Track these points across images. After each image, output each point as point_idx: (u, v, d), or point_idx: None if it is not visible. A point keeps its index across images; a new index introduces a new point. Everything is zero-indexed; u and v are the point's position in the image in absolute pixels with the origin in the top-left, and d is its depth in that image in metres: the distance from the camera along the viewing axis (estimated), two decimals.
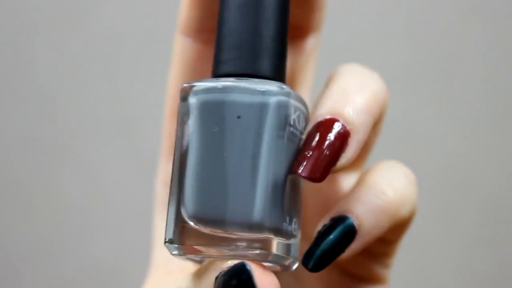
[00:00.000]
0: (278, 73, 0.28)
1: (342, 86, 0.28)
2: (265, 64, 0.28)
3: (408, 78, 0.70)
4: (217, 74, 0.28)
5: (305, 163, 0.26)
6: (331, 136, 0.27)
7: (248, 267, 0.25)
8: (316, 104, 0.29)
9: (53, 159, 0.70)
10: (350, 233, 0.28)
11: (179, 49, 0.32)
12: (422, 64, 0.70)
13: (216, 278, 0.25)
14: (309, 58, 0.33)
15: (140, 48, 0.70)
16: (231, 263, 0.25)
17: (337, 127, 0.27)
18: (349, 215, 0.28)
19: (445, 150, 0.71)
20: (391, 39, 0.71)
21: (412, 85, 0.70)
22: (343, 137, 0.27)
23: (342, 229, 0.28)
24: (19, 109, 0.70)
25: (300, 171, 0.26)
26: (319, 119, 0.27)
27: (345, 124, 0.27)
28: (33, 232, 0.70)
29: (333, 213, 0.29)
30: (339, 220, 0.28)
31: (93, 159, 0.70)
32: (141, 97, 0.70)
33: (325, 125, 0.27)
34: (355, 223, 0.28)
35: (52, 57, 0.70)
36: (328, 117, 0.27)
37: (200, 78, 0.28)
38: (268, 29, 0.28)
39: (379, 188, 0.29)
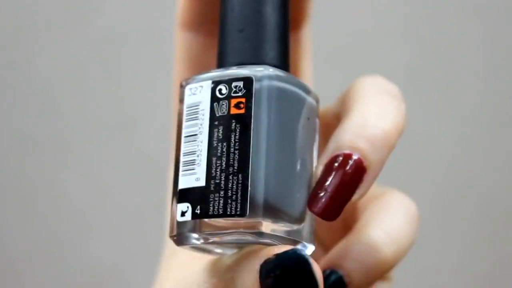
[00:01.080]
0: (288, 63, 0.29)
1: (362, 116, 0.28)
2: (282, 54, 0.28)
3: (408, 79, 0.70)
4: (226, 64, 0.28)
5: (320, 203, 0.27)
6: (348, 174, 0.27)
7: (305, 254, 0.25)
8: (336, 132, 0.28)
9: (53, 159, 0.70)
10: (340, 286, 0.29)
11: (182, 44, 0.32)
12: (422, 64, 0.70)
13: (263, 266, 0.25)
14: (306, 49, 0.33)
15: (140, 48, 0.70)
16: (277, 250, 0.25)
17: (354, 164, 0.27)
18: (340, 271, 0.29)
19: (445, 150, 0.71)
20: (391, 39, 0.71)
21: (412, 85, 0.70)
22: (360, 173, 0.27)
23: (332, 283, 0.29)
24: (19, 109, 0.70)
25: (316, 210, 0.27)
26: (338, 151, 0.27)
27: (363, 160, 0.27)
28: (33, 232, 0.70)
29: (325, 264, 0.29)
30: (330, 274, 0.29)
31: (93, 159, 0.70)
32: (141, 97, 0.70)
33: (343, 160, 0.27)
34: (346, 280, 0.29)
35: (52, 57, 0.70)
36: (347, 151, 0.27)
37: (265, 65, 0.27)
38: (281, 19, 0.28)
39: (375, 245, 0.29)
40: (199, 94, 0.27)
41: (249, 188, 0.25)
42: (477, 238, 0.72)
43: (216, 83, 0.26)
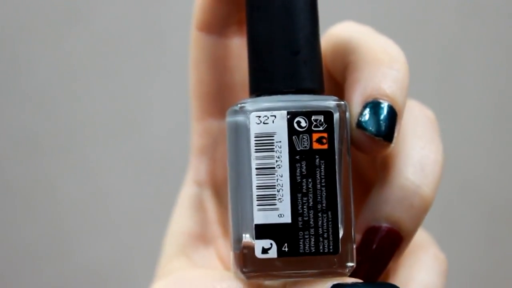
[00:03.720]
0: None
1: (401, 184, 0.28)
2: (320, 79, 0.28)
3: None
4: (280, 88, 0.27)
5: (358, 274, 0.27)
6: (384, 247, 0.27)
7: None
8: (373, 197, 0.28)
9: (53, 159, 0.70)
10: None
11: (202, 48, 0.31)
12: (421, 64, 0.70)
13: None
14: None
15: (140, 48, 0.70)
16: (350, 280, 0.26)
17: (390, 236, 0.27)
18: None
19: (445, 150, 0.71)
20: (390, 39, 0.71)
21: (412, 85, 0.70)
22: (396, 243, 0.27)
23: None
24: (19, 109, 0.70)
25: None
26: (374, 223, 0.27)
27: (400, 232, 0.27)
28: (33, 232, 0.70)
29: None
30: None
31: (92, 159, 0.70)
32: (141, 97, 0.70)
33: (379, 234, 0.27)
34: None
35: (51, 57, 0.70)
36: (384, 225, 0.27)
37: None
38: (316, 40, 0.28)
39: None
40: (271, 124, 0.26)
41: (339, 226, 0.26)
42: (477, 238, 0.72)
43: (292, 114, 0.26)
